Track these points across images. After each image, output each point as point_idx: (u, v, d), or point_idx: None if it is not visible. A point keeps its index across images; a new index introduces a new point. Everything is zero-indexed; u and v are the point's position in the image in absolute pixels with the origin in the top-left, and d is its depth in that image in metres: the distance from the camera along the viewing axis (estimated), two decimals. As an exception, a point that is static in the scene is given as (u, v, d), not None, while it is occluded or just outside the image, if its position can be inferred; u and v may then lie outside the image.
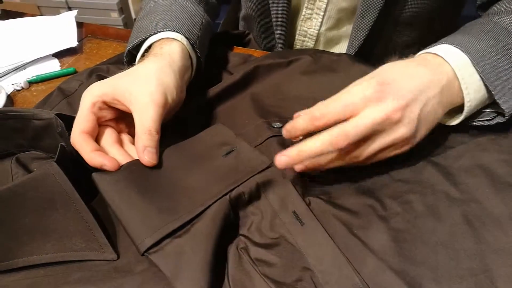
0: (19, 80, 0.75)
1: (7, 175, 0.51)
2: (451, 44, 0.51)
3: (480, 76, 0.49)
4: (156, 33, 0.60)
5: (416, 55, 0.53)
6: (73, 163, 0.48)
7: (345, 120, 0.43)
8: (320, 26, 0.78)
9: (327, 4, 0.74)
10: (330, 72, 0.68)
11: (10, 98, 0.71)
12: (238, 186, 0.45)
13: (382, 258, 0.41)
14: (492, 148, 0.52)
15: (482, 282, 0.39)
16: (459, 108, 0.51)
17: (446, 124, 0.54)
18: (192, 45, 0.62)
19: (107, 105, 0.50)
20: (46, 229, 0.42)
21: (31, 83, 0.75)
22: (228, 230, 0.44)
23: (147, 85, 0.50)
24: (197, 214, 0.43)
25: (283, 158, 0.44)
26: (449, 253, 0.41)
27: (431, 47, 0.52)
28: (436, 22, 0.74)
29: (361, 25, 0.70)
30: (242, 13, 0.89)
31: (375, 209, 0.46)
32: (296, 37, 0.82)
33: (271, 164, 0.47)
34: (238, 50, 0.78)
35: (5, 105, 0.67)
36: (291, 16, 0.78)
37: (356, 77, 0.47)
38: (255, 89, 0.66)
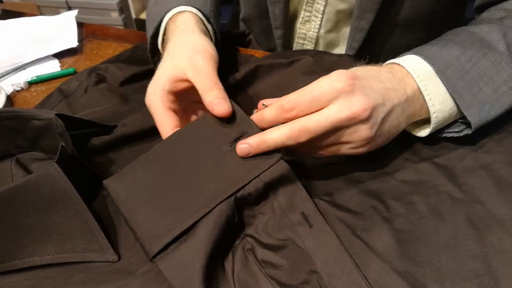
0: (18, 80, 0.74)
1: (7, 176, 0.50)
2: (417, 55, 0.50)
3: (446, 87, 0.48)
4: (170, 10, 0.62)
5: (385, 63, 0.52)
6: (74, 164, 0.48)
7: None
8: (319, 29, 0.78)
9: (325, 6, 0.74)
10: (331, 72, 0.67)
11: (9, 99, 0.70)
12: (244, 186, 0.44)
13: (385, 260, 0.41)
14: (495, 149, 0.52)
15: (486, 283, 0.39)
16: (429, 119, 0.50)
17: (416, 134, 0.53)
18: (207, 18, 0.64)
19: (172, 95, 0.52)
20: (47, 230, 0.42)
21: (31, 83, 0.74)
22: (233, 230, 0.44)
23: (190, 56, 0.52)
24: (201, 217, 0.42)
25: (244, 146, 0.44)
26: (453, 254, 0.41)
27: (400, 56, 0.52)
28: (437, 24, 0.74)
29: (358, 26, 0.70)
30: (242, 15, 0.89)
31: (379, 210, 0.46)
32: (296, 40, 0.82)
33: (282, 156, 0.45)
34: (239, 50, 0.78)
35: (5, 106, 0.67)
36: (290, 19, 0.78)
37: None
38: (256, 89, 0.66)
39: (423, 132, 0.52)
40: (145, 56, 0.76)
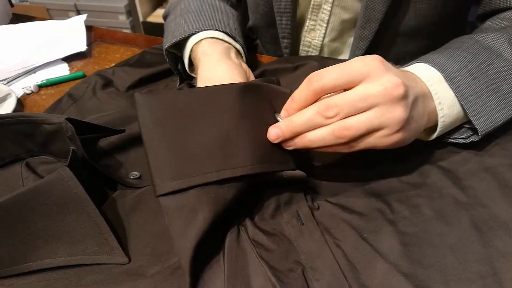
0: (29, 84, 0.76)
1: (18, 179, 0.51)
2: (425, 62, 0.50)
3: (454, 94, 0.48)
4: (196, 33, 0.65)
5: None
6: (84, 167, 0.49)
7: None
8: (324, 37, 0.78)
9: (330, 15, 0.74)
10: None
11: (20, 102, 0.71)
12: (270, 173, 0.44)
13: (391, 262, 0.41)
14: (498, 152, 0.52)
15: (490, 285, 0.39)
16: (434, 125, 0.50)
17: (420, 138, 0.53)
18: (233, 38, 0.66)
19: None
20: (58, 233, 0.43)
21: (40, 87, 0.76)
22: (236, 207, 0.44)
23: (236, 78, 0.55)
24: (224, 180, 0.41)
25: (274, 130, 0.43)
26: (457, 257, 0.42)
27: (408, 65, 0.52)
28: (440, 33, 0.74)
29: (362, 35, 0.71)
30: (249, 23, 0.89)
31: (384, 213, 0.46)
32: (301, 48, 0.83)
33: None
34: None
35: (15, 109, 0.68)
36: (296, 28, 0.79)
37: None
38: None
39: (429, 136, 0.52)
40: (152, 61, 0.78)
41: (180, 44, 0.68)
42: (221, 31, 0.65)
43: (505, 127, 0.52)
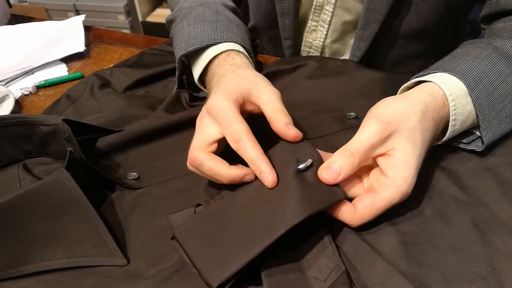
0: (27, 85, 0.75)
1: (15, 181, 0.51)
2: (447, 72, 0.50)
3: (474, 105, 0.48)
4: (216, 44, 0.62)
5: (414, 80, 0.52)
6: (82, 168, 0.49)
7: None
8: (325, 38, 0.78)
9: (332, 17, 0.74)
10: (335, 76, 0.68)
11: (18, 103, 0.71)
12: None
13: (391, 262, 0.41)
14: (499, 152, 0.52)
15: (491, 285, 0.39)
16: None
17: None
18: (249, 53, 0.64)
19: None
20: (57, 235, 0.43)
21: (39, 88, 0.75)
22: None
23: (260, 82, 0.51)
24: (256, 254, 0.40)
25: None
26: (458, 257, 0.41)
27: (428, 73, 0.51)
28: (441, 33, 0.74)
29: (363, 36, 0.71)
30: (250, 24, 0.89)
31: (384, 213, 0.46)
32: (302, 48, 0.83)
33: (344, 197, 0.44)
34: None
35: (13, 110, 0.67)
36: (298, 28, 0.79)
37: (360, 81, 0.46)
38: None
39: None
40: (150, 61, 0.77)
41: (190, 53, 0.65)
42: (240, 45, 0.63)
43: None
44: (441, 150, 0.53)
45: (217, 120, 0.46)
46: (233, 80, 0.52)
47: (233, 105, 0.47)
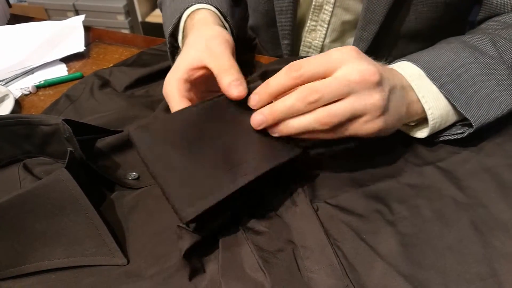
0: (27, 84, 0.75)
1: (15, 181, 0.51)
2: (409, 61, 0.51)
3: (439, 89, 0.49)
4: (189, 7, 0.63)
5: None
6: (82, 168, 0.49)
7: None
8: (324, 38, 0.78)
9: (331, 16, 0.74)
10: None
11: (18, 103, 0.71)
12: (271, 169, 0.43)
13: (390, 263, 0.41)
14: (497, 153, 0.52)
15: (490, 287, 0.39)
16: (425, 120, 0.51)
17: (415, 136, 0.53)
18: (224, 17, 0.64)
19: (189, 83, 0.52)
20: (57, 234, 0.43)
21: (38, 87, 0.75)
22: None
23: (206, 42, 0.52)
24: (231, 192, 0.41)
25: (258, 116, 0.44)
26: (457, 258, 0.42)
27: (392, 63, 0.53)
28: (441, 35, 0.74)
29: (362, 37, 0.71)
30: (250, 23, 0.89)
31: (383, 214, 0.46)
32: (301, 48, 0.83)
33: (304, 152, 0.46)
34: (246, 56, 0.79)
35: (13, 110, 0.67)
36: (297, 28, 0.79)
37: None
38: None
39: (423, 132, 0.52)
40: (150, 61, 0.78)
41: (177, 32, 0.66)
42: (214, 6, 0.63)
43: (503, 126, 0.52)
44: (440, 151, 0.53)
45: (167, 97, 0.52)
46: (183, 53, 0.54)
47: (181, 91, 0.51)
